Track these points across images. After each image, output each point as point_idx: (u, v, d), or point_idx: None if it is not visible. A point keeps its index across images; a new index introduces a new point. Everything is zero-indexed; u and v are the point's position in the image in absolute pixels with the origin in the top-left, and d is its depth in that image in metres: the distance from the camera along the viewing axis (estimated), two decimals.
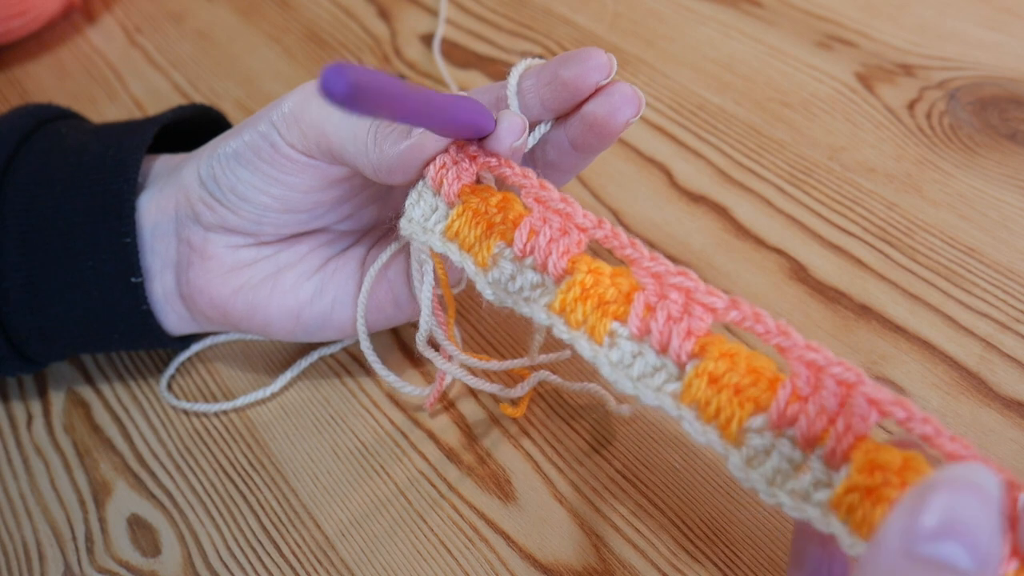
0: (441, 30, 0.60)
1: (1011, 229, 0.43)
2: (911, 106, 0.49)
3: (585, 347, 0.30)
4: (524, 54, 0.58)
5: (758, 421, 0.27)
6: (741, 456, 0.27)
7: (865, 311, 0.41)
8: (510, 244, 0.32)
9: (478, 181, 0.34)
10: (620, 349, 0.29)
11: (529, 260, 0.32)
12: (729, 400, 0.27)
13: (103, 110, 0.60)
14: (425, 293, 0.36)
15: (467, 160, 0.34)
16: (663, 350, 0.29)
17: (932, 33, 0.53)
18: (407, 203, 0.35)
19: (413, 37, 0.61)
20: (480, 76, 0.57)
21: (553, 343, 0.41)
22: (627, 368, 0.29)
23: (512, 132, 0.33)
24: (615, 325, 0.29)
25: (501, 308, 0.32)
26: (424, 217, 0.34)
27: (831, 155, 0.48)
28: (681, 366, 0.28)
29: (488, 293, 0.32)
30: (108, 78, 0.62)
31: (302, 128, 0.34)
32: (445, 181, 0.34)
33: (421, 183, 0.35)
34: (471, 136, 0.33)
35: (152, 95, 0.60)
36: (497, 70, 0.57)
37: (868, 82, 0.51)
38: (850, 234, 0.44)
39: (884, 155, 0.47)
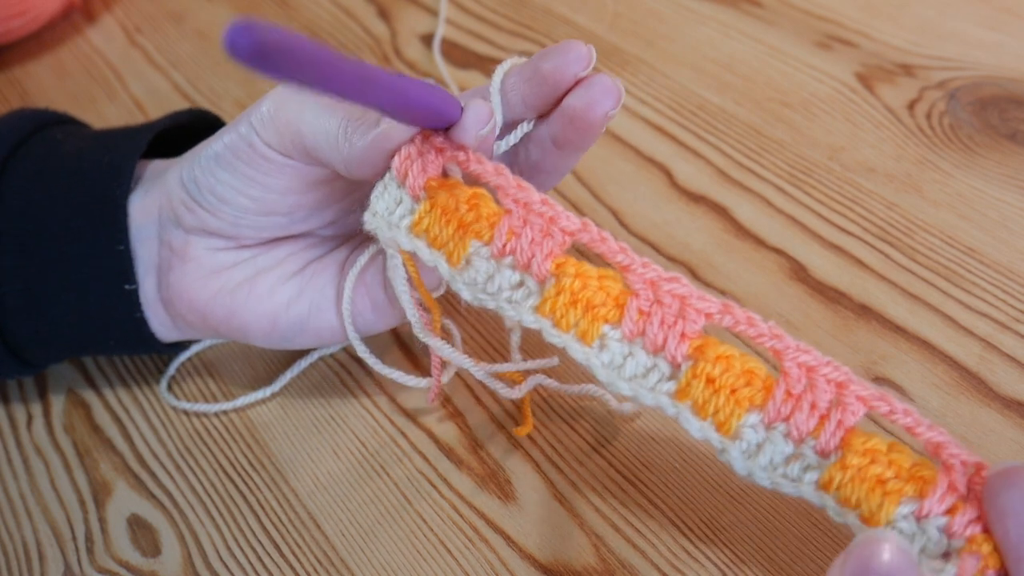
0: (441, 30, 0.60)
1: (1011, 229, 0.43)
2: (911, 106, 0.49)
3: (577, 350, 0.31)
4: (524, 54, 0.58)
5: (752, 418, 0.29)
6: (738, 449, 0.29)
7: (865, 311, 0.41)
8: (486, 243, 0.32)
9: (444, 174, 0.34)
10: (610, 351, 0.30)
11: (508, 260, 0.32)
12: (727, 401, 0.29)
13: (103, 110, 0.60)
14: (399, 287, 0.35)
15: (433, 152, 0.33)
16: (656, 351, 0.30)
17: (932, 33, 0.53)
18: (372, 196, 0.34)
19: (413, 37, 0.61)
20: (480, 76, 0.57)
21: (541, 343, 0.41)
22: (618, 368, 0.30)
23: (478, 121, 0.32)
24: (605, 328, 0.30)
25: (484, 309, 0.32)
26: (388, 211, 0.34)
27: (831, 155, 0.48)
28: (676, 367, 0.30)
29: (465, 294, 0.32)
30: (108, 78, 0.62)
31: (278, 127, 0.34)
32: (410, 173, 0.33)
33: (387, 175, 0.34)
34: (434, 124, 0.32)
35: (152, 95, 0.60)
36: None
37: (868, 82, 0.51)
38: (850, 234, 0.44)
39: (884, 155, 0.47)
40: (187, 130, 0.43)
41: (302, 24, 0.64)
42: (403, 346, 0.43)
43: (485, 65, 0.57)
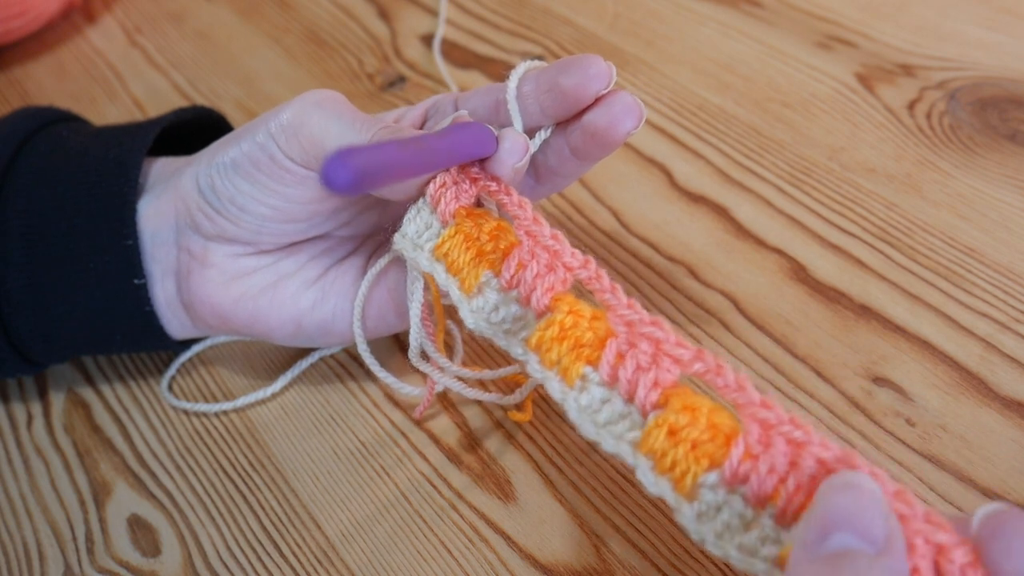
0: (441, 30, 0.60)
1: (1011, 229, 0.43)
2: (911, 106, 0.49)
3: (556, 388, 0.29)
4: (524, 54, 0.58)
5: (712, 477, 0.27)
6: (692, 510, 0.27)
7: (865, 311, 0.41)
8: (498, 274, 0.32)
9: (478, 204, 0.34)
10: (590, 394, 0.29)
11: (514, 293, 0.32)
12: (685, 455, 0.27)
13: (103, 110, 0.60)
14: (413, 311, 0.35)
15: (467, 181, 0.34)
16: (630, 399, 0.29)
17: (932, 33, 0.53)
18: (405, 218, 0.35)
19: (413, 37, 0.61)
20: (480, 76, 0.57)
21: None
22: (594, 413, 0.29)
23: (514, 153, 0.33)
24: (587, 369, 0.29)
25: (481, 337, 0.32)
26: (417, 234, 0.34)
27: (831, 155, 0.48)
28: (645, 415, 0.28)
29: (469, 321, 0.32)
30: (108, 78, 0.62)
31: (301, 142, 0.34)
32: (443, 200, 0.33)
33: (421, 200, 0.34)
34: (472, 159, 0.33)
35: (152, 95, 0.60)
36: (497, 70, 0.57)
37: (868, 82, 0.51)
38: (850, 234, 0.44)
39: (884, 155, 0.47)
40: (191, 127, 0.43)
41: (302, 24, 0.64)
42: (405, 350, 0.43)
43: (485, 65, 0.57)
